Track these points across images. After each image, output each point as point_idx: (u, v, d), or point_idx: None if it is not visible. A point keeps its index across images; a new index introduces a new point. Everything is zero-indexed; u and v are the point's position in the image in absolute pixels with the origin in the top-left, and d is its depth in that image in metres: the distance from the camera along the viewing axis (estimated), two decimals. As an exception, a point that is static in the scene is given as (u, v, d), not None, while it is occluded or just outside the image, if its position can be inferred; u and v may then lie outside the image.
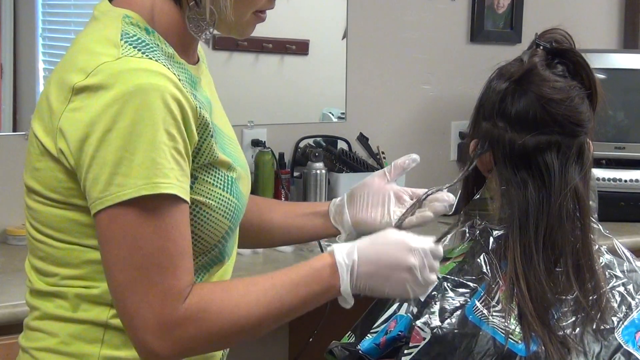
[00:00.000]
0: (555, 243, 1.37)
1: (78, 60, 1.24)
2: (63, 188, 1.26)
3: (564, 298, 1.36)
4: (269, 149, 2.90)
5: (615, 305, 1.39)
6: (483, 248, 1.39)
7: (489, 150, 1.42)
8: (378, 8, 3.22)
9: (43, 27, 2.87)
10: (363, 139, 3.12)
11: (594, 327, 1.36)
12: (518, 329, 1.33)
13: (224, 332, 1.25)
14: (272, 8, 1.35)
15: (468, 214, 1.45)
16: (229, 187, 1.33)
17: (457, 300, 1.36)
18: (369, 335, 1.40)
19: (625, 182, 3.08)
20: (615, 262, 1.45)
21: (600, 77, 1.46)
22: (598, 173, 3.01)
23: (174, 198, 1.21)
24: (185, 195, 1.23)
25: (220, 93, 1.51)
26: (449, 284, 1.37)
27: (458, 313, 1.35)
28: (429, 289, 1.33)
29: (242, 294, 1.26)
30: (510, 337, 1.32)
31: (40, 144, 1.27)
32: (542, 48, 1.41)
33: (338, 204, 1.58)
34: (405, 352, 1.34)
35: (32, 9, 2.85)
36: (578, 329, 1.35)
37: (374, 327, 1.41)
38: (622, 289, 1.42)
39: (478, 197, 1.45)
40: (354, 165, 3.00)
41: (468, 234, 1.44)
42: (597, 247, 1.42)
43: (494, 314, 1.34)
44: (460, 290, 1.37)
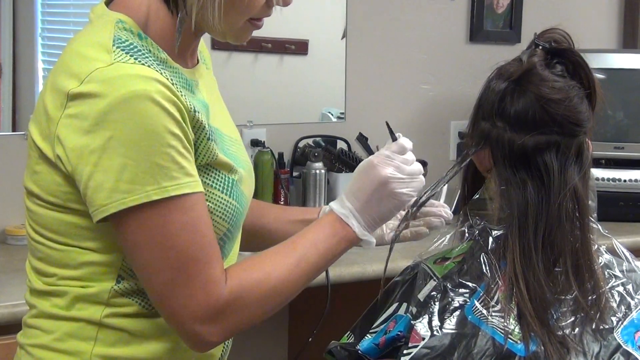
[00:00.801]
0: (555, 243, 1.37)
1: (72, 65, 1.24)
2: (61, 192, 1.27)
3: (563, 298, 1.36)
4: (268, 149, 2.90)
5: (615, 305, 1.39)
6: (482, 248, 1.39)
7: (485, 149, 1.42)
8: (377, 8, 3.22)
9: (42, 26, 2.86)
10: (362, 139, 3.12)
11: (593, 327, 1.36)
12: (517, 329, 1.33)
13: (266, 302, 1.32)
14: (268, 16, 1.35)
15: (467, 214, 1.45)
16: (229, 189, 1.33)
17: (456, 301, 1.36)
18: (368, 335, 1.40)
19: (625, 182, 3.08)
20: (615, 262, 1.45)
21: (600, 77, 1.46)
22: (597, 173, 3.00)
23: (187, 195, 1.23)
24: (198, 188, 1.26)
25: (220, 93, 1.51)
26: (449, 284, 1.37)
27: (457, 313, 1.34)
28: (420, 178, 1.42)
29: (272, 264, 1.33)
30: (510, 337, 1.32)
31: (38, 149, 1.28)
32: (541, 48, 1.41)
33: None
34: (405, 352, 1.34)
35: (31, 9, 2.84)
36: (577, 329, 1.35)
37: (373, 327, 1.41)
38: (621, 289, 1.42)
39: (477, 197, 1.45)
40: (354, 165, 2.99)
41: (467, 234, 1.44)
42: (596, 247, 1.42)
43: (493, 314, 1.34)
44: (460, 291, 1.36)
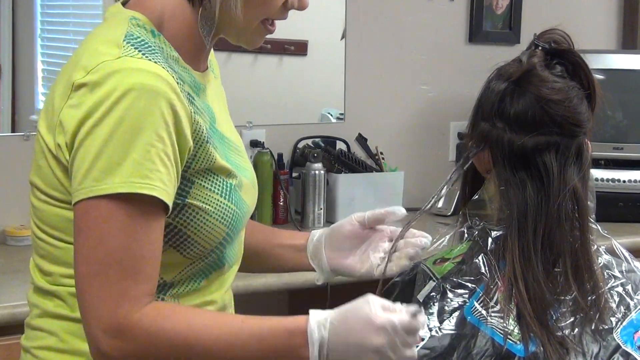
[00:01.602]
0: (554, 243, 1.37)
1: (82, 59, 1.25)
2: (62, 186, 1.28)
3: (563, 298, 1.36)
4: (268, 150, 2.90)
5: (614, 306, 1.39)
6: (482, 249, 1.39)
7: (484, 150, 1.42)
8: (376, 8, 3.22)
9: (42, 27, 2.86)
10: (362, 140, 3.12)
11: (593, 327, 1.36)
12: (517, 330, 1.33)
13: (173, 355, 1.22)
14: (284, 18, 1.35)
15: (466, 215, 1.45)
16: (227, 193, 1.33)
17: (455, 301, 1.36)
18: (368, 336, 1.40)
19: (624, 182, 3.08)
20: (614, 262, 1.45)
21: (599, 77, 1.46)
22: (596, 173, 3.00)
23: (152, 201, 1.20)
24: (168, 199, 1.22)
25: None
26: (448, 285, 1.37)
27: (457, 314, 1.35)
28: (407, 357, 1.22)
29: (205, 325, 1.22)
30: (509, 337, 1.32)
31: (43, 142, 1.28)
32: (540, 48, 1.41)
33: (316, 244, 1.55)
34: (404, 352, 1.34)
35: (30, 10, 2.84)
36: (577, 330, 1.35)
37: (373, 327, 1.41)
38: (620, 289, 1.42)
39: (477, 197, 1.45)
40: (353, 166, 3.00)
41: (467, 235, 1.44)
42: (595, 247, 1.42)
43: (493, 315, 1.34)
44: (459, 291, 1.37)
